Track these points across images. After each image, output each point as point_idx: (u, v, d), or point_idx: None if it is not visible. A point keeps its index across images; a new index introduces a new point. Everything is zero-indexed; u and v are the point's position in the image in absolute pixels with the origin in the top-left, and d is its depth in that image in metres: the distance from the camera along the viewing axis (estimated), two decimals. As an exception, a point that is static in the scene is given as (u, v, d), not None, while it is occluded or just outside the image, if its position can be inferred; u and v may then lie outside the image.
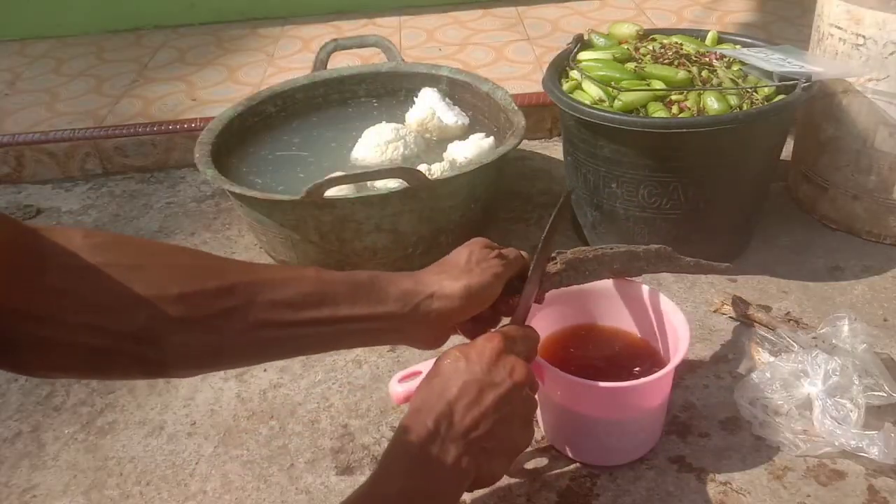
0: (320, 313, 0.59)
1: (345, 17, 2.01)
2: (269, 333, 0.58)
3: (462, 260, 0.67)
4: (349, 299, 0.61)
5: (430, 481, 0.57)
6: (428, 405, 0.59)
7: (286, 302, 0.58)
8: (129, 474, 0.82)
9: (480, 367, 0.60)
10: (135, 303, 0.51)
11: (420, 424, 0.57)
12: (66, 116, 1.54)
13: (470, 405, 0.58)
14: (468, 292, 0.65)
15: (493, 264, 0.67)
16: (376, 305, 0.62)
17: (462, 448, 0.57)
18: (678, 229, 1.00)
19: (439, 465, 0.57)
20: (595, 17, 1.89)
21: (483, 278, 0.66)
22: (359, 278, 0.63)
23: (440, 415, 0.58)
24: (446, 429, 0.57)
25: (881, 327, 0.94)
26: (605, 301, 0.84)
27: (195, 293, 0.53)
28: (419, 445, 0.57)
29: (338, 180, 0.96)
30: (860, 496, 0.73)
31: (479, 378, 0.60)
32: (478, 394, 0.59)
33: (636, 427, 0.77)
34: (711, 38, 1.11)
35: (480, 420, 0.58)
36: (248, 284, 0.56)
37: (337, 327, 0.61)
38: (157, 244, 0.60)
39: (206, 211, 1.32)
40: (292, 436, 0.85)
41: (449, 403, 0.58)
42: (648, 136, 0.92)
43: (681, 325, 0.77)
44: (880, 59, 0.99)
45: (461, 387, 0.59)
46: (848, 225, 1.12)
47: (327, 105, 1.36)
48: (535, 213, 1.23)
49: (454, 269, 0.66)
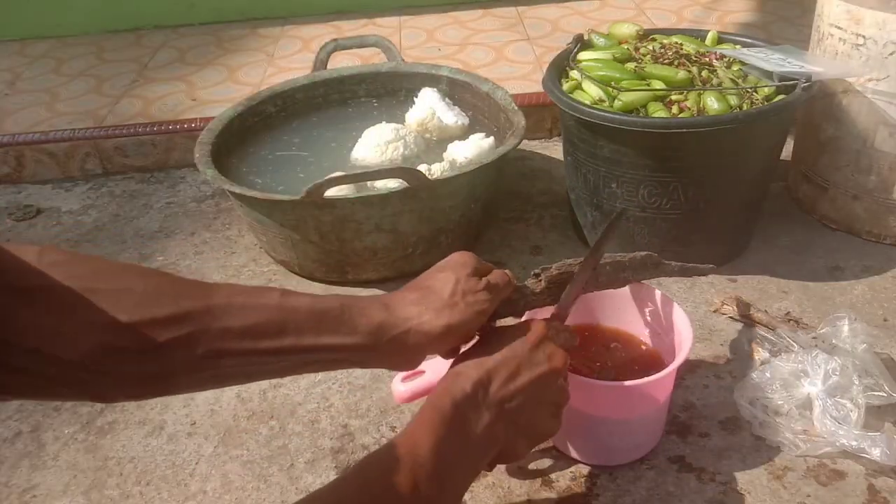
0: (282, 343, 0.56)
1: (345, 17, 2.02)
2: (226, 362, 0.55)
3: (447, 291, 0.63)
4: (314, 329, 0.57)
5: (462, 441, 0.58)
6: (467, 371, 0.60)
7: (244, 331, 0.55)
8: (129, 474, 0.82)
9: (523, 346, 0.62)
10: (83, 329, 0.49)
11: (458, 387, 0.59)
12: (66, 116, 1.54)
13: (507, 378, 0.60)
14: (448, 330, 0.62)
15: (480, 299, 0.64)
16: (345, 337, 0.59)
17: (495, 415, 0.59)
18: (678, 229, 1.00)
19: (473, 427, 0.58)
20: (595, 17, 1.89)
21: (466, 315, 0.62)
22: (326, 306, 0.59)
23: (478, 381, 0.59)
24: (483, 395, 0.59)
25: (881, 327, 0.94)
26: (608, 301, 0.84)
27: (145, 322, 0.51)
28: (454, 406, 0.58)
29: (338, 180, 0.96)
30: (860, 496, 0.73)
31: (519, 355, 0.62)
32: (516, 369, 0.61)
33: (638, 427, 0.77)
34: (711, 38, 1.11)
35: (515, 394, 0.60)
36: (203, 312, 0.53)
37: (301, 357, 0.58)
38: (114, 265, 0.55)
39: (206, 211, 1.32)
40: (292, 436, 0.85)
41: (488, 372, 0.60)
42: (648, 136, 0.92)
43: (683, 326, 0.77)
44: (880, 59, 0.99)
45: (501, 359, 0.61)
46: (848, 225, 1.12)
47: (327, 105, 1.36)
48: (535, 213, 1.23)
49: (436, 301, 0.62)
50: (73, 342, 0.48)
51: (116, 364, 0.50)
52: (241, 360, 0.55)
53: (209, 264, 1.17)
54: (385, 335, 0.60)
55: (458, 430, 0.58)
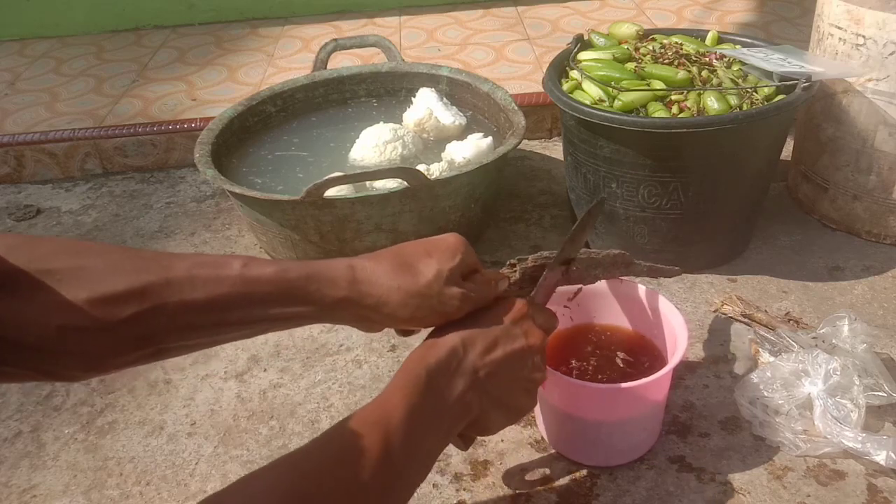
0: (247, 314, 0.56)
1: (345, 17, 2.02)
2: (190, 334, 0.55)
3: (423, 280, 0.61)
4: (280, 299, 0.57)
5: (435, 407, 0.58)
6: (444, 339, 0.61)
7: (206, 303, 0.54)
8: (129, 474, 0.82)
9: (501, 319, 0.63)
10: (42, 312, 0.49)
11: (432, 354, 0.60)
12: (66, 116, 1.54)
13: (484, 350, 0.61)
14: (410, 321, 0.62)
15: (452, 304, 0.61)
16: (310, 306, 0.58)
17: (469, 383, 0.60)
18: (678, 229, 1.00)
19: (446, 395, 0.59)
20: (595, 17, 1.89)
21: (432, 313, 0.61)
22: (291, 276, 0.58)
23: (452, 349, 0.60)
24: (457, 363, 0.60)
25: (881, 327, 0.94)
26: (603, 301, 0.84)
27: (104, 299, 0.50)
28: (427, 374, 0.58)
29: (338, 180, 0.96)
30: (860, 496, 0.73)
31: (497, 328, 0.62)
32: (493, 341, 0.61)
33: (635, 427, 0.77)
34: (711, 38, 1.11)
35: (490, 364, 0.61)
36: (163, 285, 0.52)
37: (266, 324, 0.58)
38: (74, 244, 0.55)
39: (206, 211, 1.32)
40: (292, 436, 0.85)
41: (464, 341, 0.61)
42: (648, 136, 0.92)
43: (679, 326, 0.77)
44: (880, 59, 0.99)
45: (479, 331, 0.62)
46: (848, 225, 1.12)
47: (327, 105, 1.36)
48: (535, 213, 1.23)
49: (409, 285, 0.60)
50: (33, 326, 0.48)
51: (77, 344, 0.50)
52: (205, 332, 0.56)
53: (209, 264, 1.16)
54: (349, 308, 0.60)
55: (431, 397, 0.58)
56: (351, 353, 0.96)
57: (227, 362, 0.96)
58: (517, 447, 0.81)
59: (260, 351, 0.98)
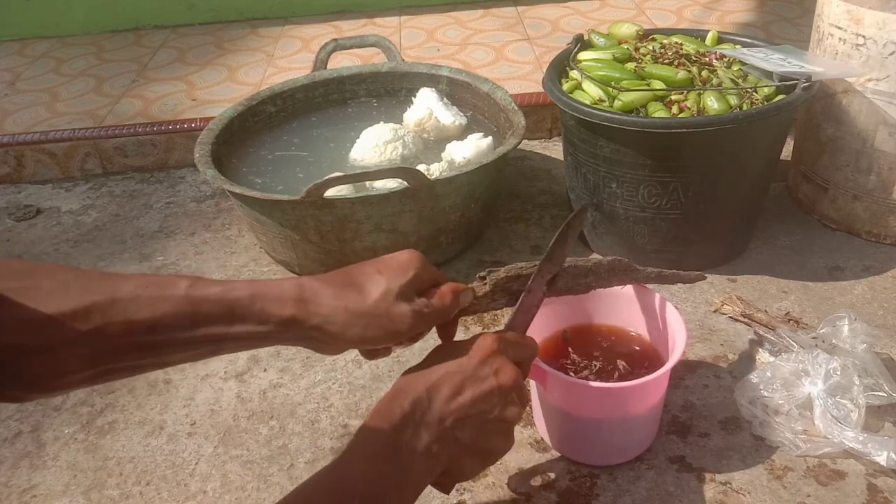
0: (192, 333, 0.55)
1: (345, 17, 2.02)
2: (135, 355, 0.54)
3: (370, 299, 0.59)
4: (224, 318, 0.56)
5: (397, 467, 0.55)
6: (407, 388, 0.58)
7: (151, 323, 0.53)
8: (129, 474, 0.82)
9: (468, 360, 0.60)
10: None
11: (396, 406, 0.57)
12: (66, 116, 1.54)
13: (450, 395, 0.58)
14: (360, 342, 0.60)
15: (403, 322, 0.60)
16: (256, 325, 0.57)
17: (435, 435, 0.56)
18: (678, 229, 1.00)
19: (409, 450, 0.56)
20: (595, 17, 1.89)
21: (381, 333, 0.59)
22: (235, 295, 0.56)
23: (417, 399, 0.57)
24: (421, 414, 0.57)
25: (881, 327, 0.94)
26: (602, 301, 0.84)
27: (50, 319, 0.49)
28: (391, 428, 0.55)
29: (337, 180, 0.96)
30: (860, 496, 0.73)
31: (463, 370, 0.59)
32: (459, 385, 0.58)
33: (634, 426, 0.77)
34: (711, 38, 1.11)
35: (456, 410, 0.57)
36: (108, 305, 0.52)
37: (213, 345, 0.57)
38: (25, 265, 0.54)
39: (206, 211, 1.32)
40: (292, 436, 0.85)
41: (428, 389, 0.58)
42: (648, 136, 0.92)
43: (678, 325, 0.77)
44: (880, 59, 0.99)
45: (443, 375, 0.59)
46: (848, 225, 1.12)
47: (327, 105, 1.36)
48: (535, 213, 1.23)
49: (356, 304, 0.59)
50: None
51: (21, 364, 0.49)
52: (151, 352, 0.55)
53: (209, 264, 1.17)
54: (296, 328, 0.58)
55: (394, 456, 0.55)
56: (351, 352, 0.96)
57: (227, 362, 0.96)
58: (517, 447, 0.81)
59: (260, 351, 0.98)
